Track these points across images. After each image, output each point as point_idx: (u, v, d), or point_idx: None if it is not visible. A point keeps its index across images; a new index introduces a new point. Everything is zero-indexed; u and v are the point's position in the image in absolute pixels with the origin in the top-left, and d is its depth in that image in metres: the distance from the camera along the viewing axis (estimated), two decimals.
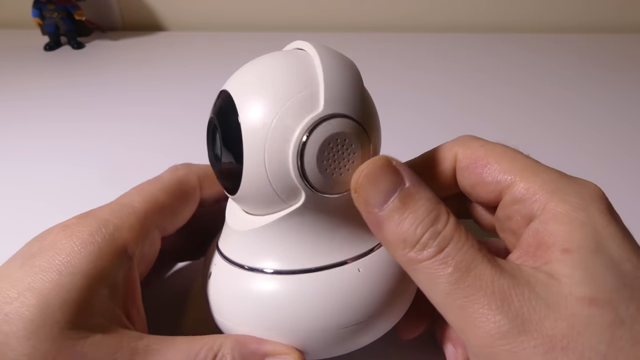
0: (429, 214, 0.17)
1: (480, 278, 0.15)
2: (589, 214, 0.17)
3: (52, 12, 0.61)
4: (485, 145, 0.20)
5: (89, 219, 0.19)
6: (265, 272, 0.19)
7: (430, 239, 0.16)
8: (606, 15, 0.69)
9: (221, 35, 0.68)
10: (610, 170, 0.38)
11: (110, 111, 0.48)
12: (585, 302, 0.15)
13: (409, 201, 0.17)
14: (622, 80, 0.54)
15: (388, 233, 0.17)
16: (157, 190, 0.21)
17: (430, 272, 0.16)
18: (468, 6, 0.69)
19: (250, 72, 0.19)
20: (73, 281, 0.17)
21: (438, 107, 0.48)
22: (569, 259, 0.16)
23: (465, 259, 0.16)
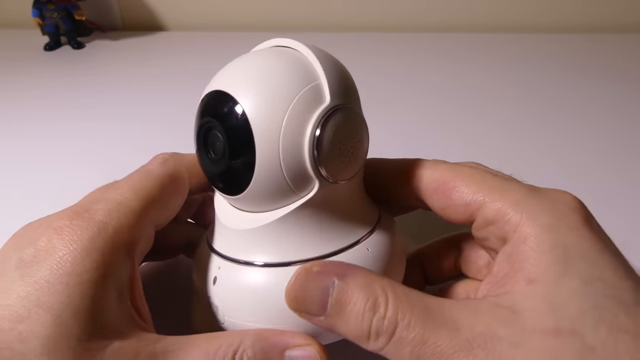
0: (367, 303, 0.17)
1: (438, 344, 0.16)
2: (558, 234, 0.16)
3: (52, 12, 0.61)
4: (452, 167, 0.20)
5: (85, 222, 0.18)
6: (289, 264, 0.19)
7: (377, 327, 0.16)
8: (606, 15, 0.69)
9: (221, 35, 0.68)
10: (610, 171, 0.38)
11: (110, 111, 0.48)
12: (549, 334, 0.15)
13: (344, 299, 0.17)
14: (622, 80, 0.54)
15: (346, 334, 0.17)
16: (150, 186, 0.21)
17: (393, 354, 0.16)
18: (468, 6, 0.69)
19: (247, 70, 0.19)
20: (82, 290, 0.17)
21: (438, 107, 0.48)
22: (532, 290, 0.16)
23: (417, 336, 0.16)
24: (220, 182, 0.20)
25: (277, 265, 0.19)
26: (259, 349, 0.19)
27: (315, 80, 0.18)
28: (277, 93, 0.18)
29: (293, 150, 0.18)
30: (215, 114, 0.19)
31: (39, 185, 0.37)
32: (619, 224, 0.19)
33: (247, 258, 0.20)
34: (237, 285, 0.20)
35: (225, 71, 0.20)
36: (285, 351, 0.19)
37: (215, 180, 0.20)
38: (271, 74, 0.18)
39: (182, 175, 0.22)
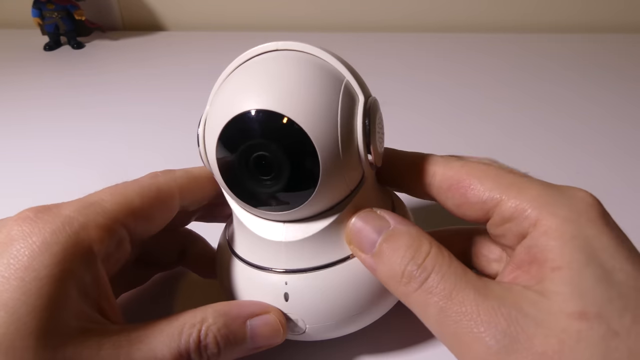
0: (409, 248, 0.18)
1: (465, 303, 0.16)
2: (579, 226, 0.17)
3: (52, 12, 0.61)
4: (465, 165, 0.20)
5: (50, 216, 0.18)
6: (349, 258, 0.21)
7: (413, 271, 0.17)
8: (606, 15, 0.69)
9: (221, 35, 0.68)
10: (611, 171, 0.38)
11: (110, 111, 0.48)
12: (575, 317, 0.15)
13: (391, 240, 0.19)
14: (622, 80, 0.54)
15: (380, 273, 0.19)
16: (132, 192, 0.20)
17: (419, 302, 0.17)
18: (468, 6, 0.69)
19: (283, 83, 0.18)
20: (39, 287, 0.16)
21: (438, 107, 0.48)
22: (558, 276, 0.16)
23: (447, 287, 0.17)
24: (275, 200, 0.19)
25: (342, 261, 0.20)
26: (222, 323, 0.19)
27: (342, 78, 0.19)
28: (324, 101, 0.18)
29: (350, 149, 0.19)
30: (267, 136, 0.18)
31: (39, 185, 0.37)
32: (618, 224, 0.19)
33: (313, 264, 0.20)
34: (314, 292, 0.20)
35: (254, 87, 0.18)
36: (247, 321, 0.20)
37: (266, 200, 0.19)
38: (309, 83, 0.18)
39: (171, 190, 0.21)
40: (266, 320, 0.20)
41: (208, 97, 0.21)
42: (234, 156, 0.18)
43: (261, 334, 0.20)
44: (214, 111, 0.19)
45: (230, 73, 0.20)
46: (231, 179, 0.19)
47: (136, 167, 0.38)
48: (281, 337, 0.21)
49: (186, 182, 0.22)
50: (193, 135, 0.21)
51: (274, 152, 0.18)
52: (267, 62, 0.19)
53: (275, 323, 0.20)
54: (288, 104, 0.17)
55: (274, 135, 0.17)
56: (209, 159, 0.20)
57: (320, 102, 0.18)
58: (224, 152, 0.18)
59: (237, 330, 0.19)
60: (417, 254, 0.18)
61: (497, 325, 0.15)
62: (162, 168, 0.23)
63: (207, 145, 0.19)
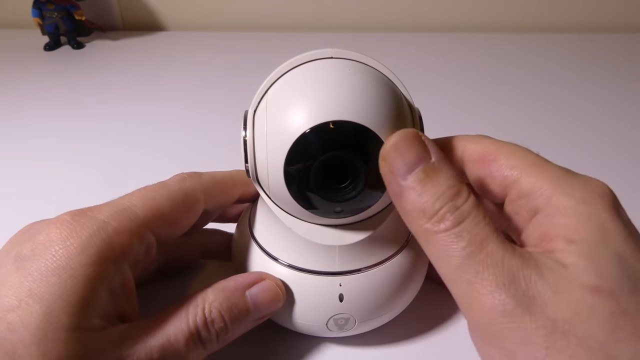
0: (450, 189, 0.17)
1: (492, 255, 0.16)
2: (594, 208, 0.17)
3: (52, 12, 0.61)
4: (495, 142, 0.21)
5: (87, 219, 0.19)
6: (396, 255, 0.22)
7: (448, 212, 0.16)
8: (606, 15, 0.69)
9: (221, 35, 0.68)
10: (610, 171, 0.38)
11: (110, 111, 0.48)
12: (589, 290, 0.15)
13: (432, 175, 0.17)
14: (622, 80, 0.54)
15: (408, 202, 0.17)
16: (161, 198, 0.21)
17: (444, 244, 0.16)
18: (468, 6, 0.69)
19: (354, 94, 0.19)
20: (74, 284, 0.17)
21: (438, 107, 0.48)
22: (574, 249, 0.16)
23: (479, 235, 0.16)
24: (341, 207, 0.19)
25: (391, 257, 0.22)
26: (223, 298, 0.20)
27: (399, 90, 0.20)
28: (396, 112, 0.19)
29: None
30: (349, 147, 0.18)
31: (38, 185, 0.37)
32: None
33: (366, 264, 0.21)
34: (367, 290, 0.21)
35: (330, 97, 0.18)
36: (246, 291, 0.21)
37: (331, 207, 0.19)
38: (378, 94, 0.19)
39: (197, 195, 0.22)
40: (264, 287, 0.21)
41: (208, 97, 0.21)
42: (309, 166, 0.18)
43: (262, 301, 0.21)
44: (278, 119, 0.19)
45: (281, 76, 0.20)
46: (300, 188, 0.19)
47: (136, 167, 0.39)
48: (282, 301, 0.21)
49: (211, 187, 0.23)
50: (193, 135, 0.21)
51: (353, 162, 0.18)
52: (329, 70, 0.19)
53: (273, 287, 0.21)
54: (365, 114, 0.18)
55: (356, 145, 0.18)
56: (269, 167, 0.19)
57: (392, 113, 0.19)
58: (296, 162, 0.18)
59: (238, 302, 0.20)
60: (457, 197, 0.17)
61: (517, 284, 0.15)
62: (162, 168, 0.23)
63: (267, 154, 0.19)
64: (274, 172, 0.19)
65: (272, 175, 0.19)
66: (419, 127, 0.20)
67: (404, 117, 0.19)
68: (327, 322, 0.22)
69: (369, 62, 0.21)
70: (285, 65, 0.20)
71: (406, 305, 0.24)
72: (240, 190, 0.24)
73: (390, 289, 0.22)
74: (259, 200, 0.23)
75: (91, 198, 0.23)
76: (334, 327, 0.22)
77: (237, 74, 0.55)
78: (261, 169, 0.20)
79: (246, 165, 0.20)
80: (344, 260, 0.21)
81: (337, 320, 0.22)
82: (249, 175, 0.20)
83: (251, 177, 0.20)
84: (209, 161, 0.38)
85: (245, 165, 0.20)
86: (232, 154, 0.22)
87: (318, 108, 0.18)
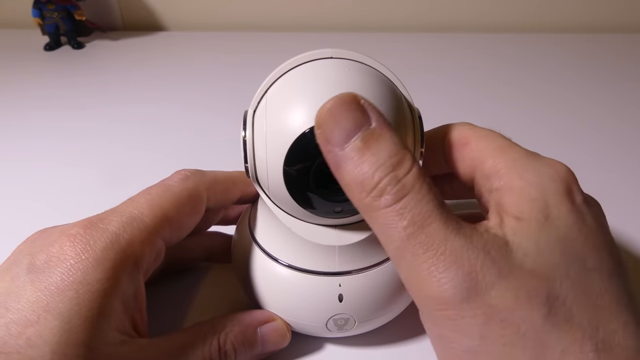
0: (391, 158, 0.15)
1: (433, 236, 0.15)
2: (541, 191, 0.17)
3: (52, 12, 0.61)
4: (472, 128, 0.21)
5: (99, 232, 0.19)
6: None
7: (388, 185, 0.15)
8: (606, 15, 0.69)
9: (221, 35, 0.68)
10: (610, 171, 0.38)
11: (110, 111, 0.48)
12: (530, 275, 0.15)
13: (371, 142, 0.16)
14: (622, 80, 0.54)
15: (346, 174, 0.16)
16: (167, 203, 0.21)
17: (385, 221, 0.15)
18: (468, 6, 0.69)
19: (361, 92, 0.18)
20: (91, 300, 0.17)
21: (438, 107, 0.48)
22: (521, 227, 0.16)
23: (421, 213, 0.15)
24: (341, 207, 0.19)
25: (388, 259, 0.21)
26: (238, 331, 0.21)
27: (399, 90, 0.21)
28: (397, 113, 0.19)
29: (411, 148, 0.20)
30: None
31: (38, 185, 0.37)
32: (617, 223, 0.19)
33: (365, 264, 0.21)
34: (367, 290, 0.21)
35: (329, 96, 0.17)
36: (258, 328, 0.21)
37: (331, 207, 0.19)
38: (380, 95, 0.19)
39: (200, 194, 0.22)
40: (275, 327, 0.22)
41: (207, 97, 0.21)
42: (308, 166, 0.18)
43: (270, 340, 0.22)
44: (278, 119, 0.19)
45: (281, 76, 0.20)
46: (299, 188, 0.19)
47: (136, 168, 0.39)
48: (287, 342, 0.22)
49: (213, 185, 0.23)
50: (193, 135, 0.21)
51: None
52: (329, 70, 0.19)
53: (282, 329, 0.22)
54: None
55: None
56: (268, 167, 0.19)
57: (394, 113, 0.19)
58: (295, 162, 0.18)
59: (250, 337, 0.21)
60: (399, 167, 0.15)
61: (459, 268, 0.14)
62: (162, 168, 0.23)
63: (267, 153, 0.19)
64: (274, 172, 0.19)
65: (271, 175, 0.19)
66: (419, 127, 0.20)
67: (404, 117, 0.19)
68: (326, 323, 0.22)
69: (369, 62, 0.21)
70: (284, 65, 0.20)
71: (406, 306, 0.24)
72: (240, 191, 0.24)
73: (390, 290, 0.22)
74: (259, 200, 0.23)
75: (91, 198, 0.23)
76: (333, 327, 0.22)
77: (237, 74, 0.55)
78: (261, 169, 0.20)
79: (246, 166, 0.20)
80: (344, 261, 0.21)
81: (337, 321, 0.22)
82: (249, 176, 0.20)
83: (251, 177, 0.20)
84: (209, 161, 0.38)
85: (245, 165, 0.20)
86: (232, 154, 0.22)
87: (318, 108, 0.18)
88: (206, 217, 0.24)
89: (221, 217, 0.27)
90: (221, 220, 0.27)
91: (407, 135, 0.19)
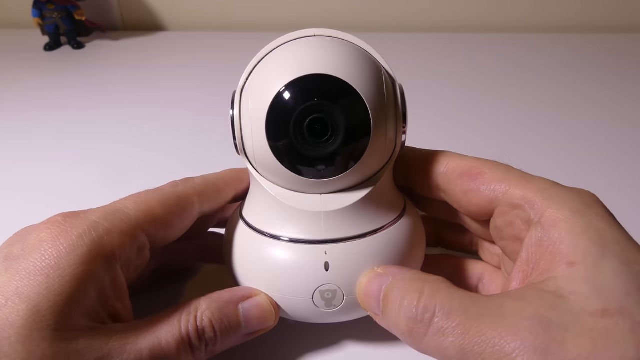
0: (405, 296, 0.17)
1: (483, 333, 0.15)
2: (589, 218, 0.17)
3: (52, 12, 0.61)
4: (479, 159, 0.21)
5: (78, 220, 0.19)
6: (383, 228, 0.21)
7: (413, 316, 0.17)
8: (606, 15, 0.69)
9: (221, 35, 0.68)
10: (610, 171, 0.38)
11: (110, 111, 0.48)
12: (598, 315, 0.14)
13: (388, 296, 0.18)
14: (622, 80, 0.54)
15: (395, 331, 0.18)
16: (153, 200, 0.21)
17: (434, 346, 0.16)
18: (468, 6, 0.69)
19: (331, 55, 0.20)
20: (62, 283, 0.17)
21: (438, 107, 0.48)
22: (575, 273, 0.16)
23: (459, 323, 0.16)
24: (323, 164, 0.20)
25: (380, 230, 0.21)
26: (216, 308, 0.20)
27: (380, 63, 0.21)
28: (374, 74, 0.20)
29: (391, 118, 0.20)
30: (327, 98, 0.19)
31: (38, 185, 0.37)
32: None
33: (352, 233, 0.21)
34: (354, 260, 0.21)
35: (306, 57, 0.20)
36: (239, 304, 0.20)
37: (313, 165, 0.20)
38: (357, 60, 0.20)
39: (190, 198, 0.22)
40: (257, 302, 0.21)
41: (207, 96, 0.21)
42: (287, 123, 0.19)
43: (253, 316, 0.21)
44: (258, 85, 0.20)
45: (266, 54, 0.21)
46: (282, 149, 0.19)
47: (136, 167, 0.39)
48: (274, 320, 0.21)
49: (205, 189, 0.23)
50: (193, 135, 0.21)
51: (332, 112, 0.19)
52: (311, 42, 0.21)
53: (266, 304, 0.21)
54: (344, 69, 0.19)
55: (333, 96, 0.19)
56: (253, 136, 0.20)
57: (370, 74, 0.20)
58: (276, 121, 0.19)
59: (230, 314, 0.20)
60: (411, 296, 0.17)
61: (524, 341, 0.14)
62: (162, 169, 0.23)
63: (251, 122, 0.20)
64: (258, 138, 0.20)
65: (256, 142, 0.20)
66: (401, 101, 0.21)
67: (382, 82, 0.20)
68: (312, 295, 0.21)
69: (352, 40, 0.22)
70: (270, 45, 0.21)
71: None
72: (233, 190, 0.24)
73: (378, 263, 0.21)
74: (250, 184, 0.23)
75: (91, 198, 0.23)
76: (321, 302, 0.21)
77: (237, 74, 0.54)
78: (247, 140, 0.20)
79: (235, 143, 0.21)
80: (330, 228, 0.21)
81: (324, 293, 0.21)
82: (238, 152, 0.21)
83: (239, 152, 0.21)
84: (209, 161, 0.38)
85: (234, 142, 0.21)
86: (232, 154, 0.22)
87: (294, 66, 0.19)
88: (203, 221, 0.24)
89: (218, 219, 0.27)
90: (218, 223, 0.27)
91: (388, 102, 0.20)
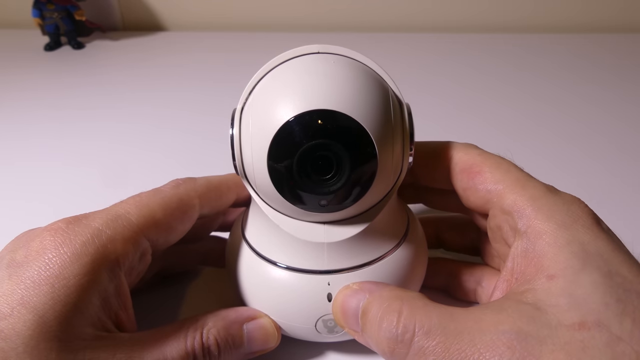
0: (384, 316, 0.17)
1: (462, 350, 0.15)
2: (574, 231, 0.17)
3: (52, 12, 0.61)
4: (482, 154, 0.21)
5: (81, 227, 0.18)
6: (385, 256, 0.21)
7: (393, 336, 0.17)
8: (606, 15, 0.69)
9: (221, 35, 0.68)
10: (611, 171, 0.38)
11: (110, 111, 0.48)
12: (575, 328, 0.15)
13: (366, 314, 0.18)
14: (622, 80, 0.54)
15: (375, 349, 0.18)
16: (155, 204, 0.21)
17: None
18: (468, 6, 0.69)
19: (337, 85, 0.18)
20: (67, 294, 0.17)
21: (438, 108, 0.48)
22: (554, 286, 0.16)
23: (438, 342, 0.16)
24: (326, 200, 0.19)
25: (382, 258, 0.21)
26: (221, 327, 0.20)
27: (386, 84, 0.20)
28: (381, 104, 0.19)
29: (397, 148, 0.19)
30: (333, 137, 0.18)
31: (38, 185, 0.37)
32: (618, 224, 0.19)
33: (355, 263, 0.21)
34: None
35: (312, 87, 0.18)
36: (244, 325, 0.21)
37: (316, 200, 0.19)
38: (363, 87, 0.19)
39: (191, 200, 0.22)
40: (261, 324, 0.21)
41: (208, 96, 0.21)
42: (291, 158, 0.18)
43: (256, 337, 0.21)
44: (262, 112, 0.19)
45: (268, 72, 0.20)
46: (284, 183, 0.19)
47: (136, 168, 0.39)
48: (275, 341, 0.22)
49: (206, 191, 0.23)
50: (193, 135, 0.21)
51: (336, 152, 0.18)
52: (315, 63, 0.19)
53: (269, 326, 0.21)
54: (351, 103, 0.18)
55: (339, 135, 0.18)
56: (254, 162, 0.19)
57: (377, 103, 0.19)
58: (279, 152, 0.18)
59: (235, 334, 0.20)
60: (390, 317, 0.17)
61: (502, 357, 0.15)
62: (162, 169, 0.23)
63: (252, 148, 0.19)
64: (259, 165, 0.19)
65: (257, 169, 0.19)
66: (408, 122, 0.20)
67: (390, 110, 0.19)
68: (315, 324, 0.21)
69: (356, 57, 0.21)
70: (272, 62, 0.20)
71: None
72: (235, 194, 0.24)
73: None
74: (252, 201, 0.23)
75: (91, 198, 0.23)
76: (323, 329, 0.21)
77: (237, 74, 0.55)
78: (247, 165, 0.20)
79: (234, 163, 0.20)
80: (333, 259, 0.20)
81: (327, 322, 0.21)
82: (238, 173, 0.20)
83: (239, 174, 0.20)
84: (209, 161, 0.38)
85: (233, 163, 0.20)
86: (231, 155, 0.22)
87: (301, 98, 0.18)
88: (204, 224, 0.24)
89: (220, 222, 0.26)
90: (220, 226, 0.27)
91: (396, 129, 0.19)
